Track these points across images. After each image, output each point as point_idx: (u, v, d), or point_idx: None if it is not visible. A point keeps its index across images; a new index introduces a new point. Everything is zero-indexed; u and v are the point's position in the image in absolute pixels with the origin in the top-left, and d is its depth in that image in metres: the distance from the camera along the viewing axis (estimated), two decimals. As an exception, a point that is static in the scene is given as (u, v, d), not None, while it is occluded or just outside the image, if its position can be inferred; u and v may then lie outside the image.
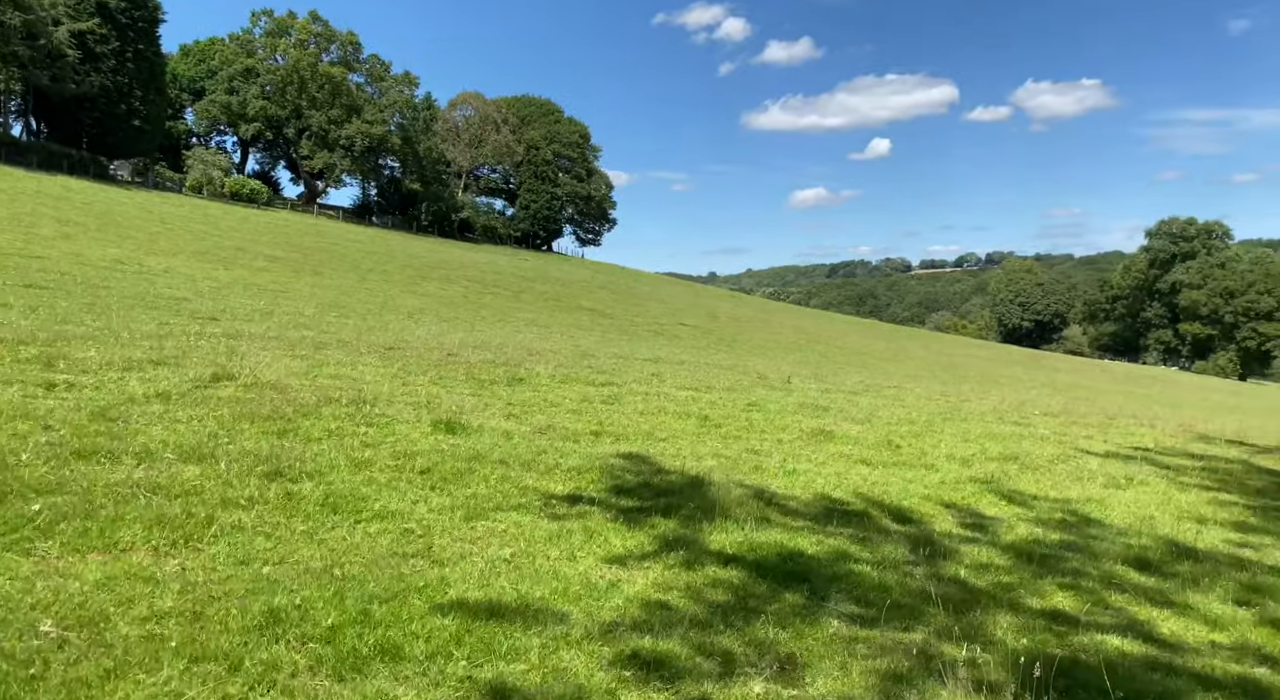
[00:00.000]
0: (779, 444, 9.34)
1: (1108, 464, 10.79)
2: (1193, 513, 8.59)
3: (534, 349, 17.27)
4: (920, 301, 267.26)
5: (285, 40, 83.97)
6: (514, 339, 22.09)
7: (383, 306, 32.60)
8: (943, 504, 7.62)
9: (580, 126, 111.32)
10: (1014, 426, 13.72)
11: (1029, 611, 5.07)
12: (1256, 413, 46.73)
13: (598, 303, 62.15)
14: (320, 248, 55.46)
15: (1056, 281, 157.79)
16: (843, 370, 36.81)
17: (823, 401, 13.70)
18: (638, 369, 15.83)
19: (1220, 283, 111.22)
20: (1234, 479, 10.88)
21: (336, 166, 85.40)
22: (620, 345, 29.57)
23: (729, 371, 19.55)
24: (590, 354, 19.41)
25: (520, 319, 40.88)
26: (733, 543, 5.45)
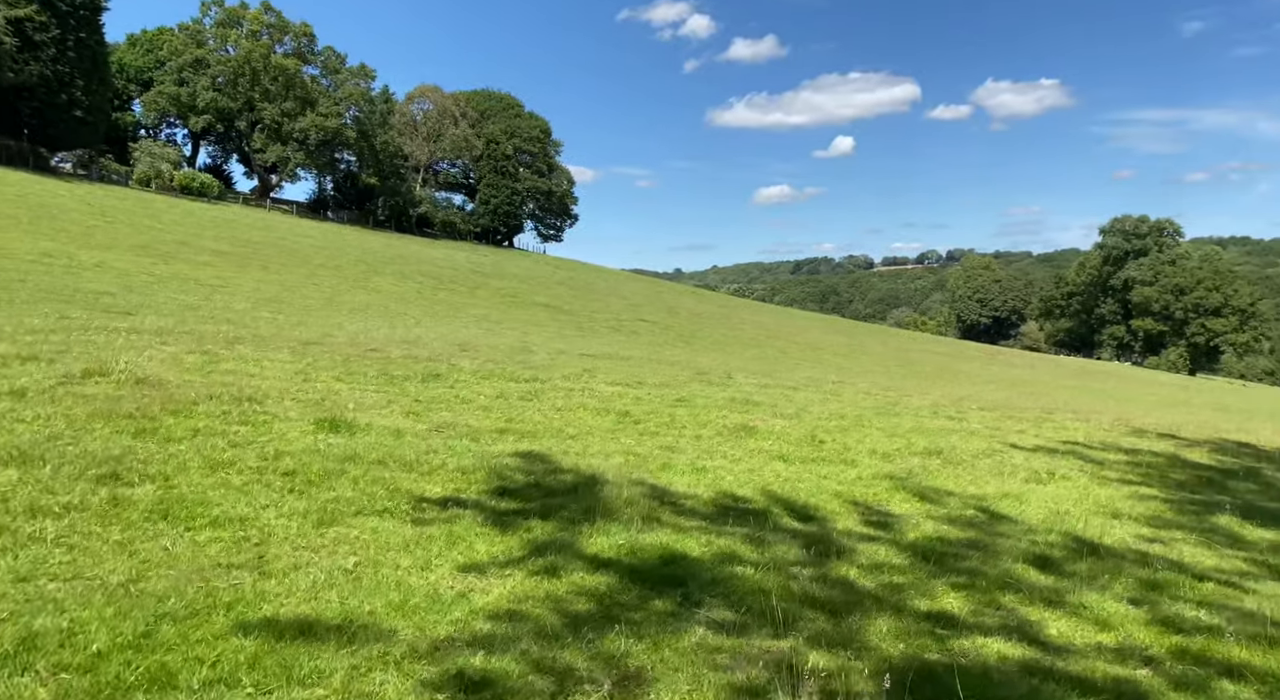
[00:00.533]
0: (696, 440, 9.09)
1: (1034, 458, 10.70)
2: (1109, 507, 8.50)
3: (470, 344, 16.87)
4: (882, 298, 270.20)
5: (237, 31, 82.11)
6: (454, 335, 21.64)
7: (327, 302, 31.88)
8: (852, 501, 7.42)
9: (541, 121, 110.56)
10: (947, 421, 13.63)
11: (914, 614, 4.86)
12: (1200, 407, 47.72)
13: (555, 299, 61.63)
14: (270, 242, 54.29)
15: (1014, 278, 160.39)
16: (797, 366, 36.83)
17: (757, 397, 13.50)
18: (573, 364, 15.52)
19: (1171, 280, 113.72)
20: (1157, 473, 10.86)
21: (290, 160, 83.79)
22: (570, 341, 29.22)
23: (671, 367, 19.32)
24: (529, 349, 19.06)
25: (472, 315, 40.34)
26: (612, 546, 5.17)
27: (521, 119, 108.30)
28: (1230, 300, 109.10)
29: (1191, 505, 9.09)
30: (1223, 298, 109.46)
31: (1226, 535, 7.97)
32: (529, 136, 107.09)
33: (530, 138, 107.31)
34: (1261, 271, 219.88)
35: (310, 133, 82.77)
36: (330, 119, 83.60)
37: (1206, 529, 8.09)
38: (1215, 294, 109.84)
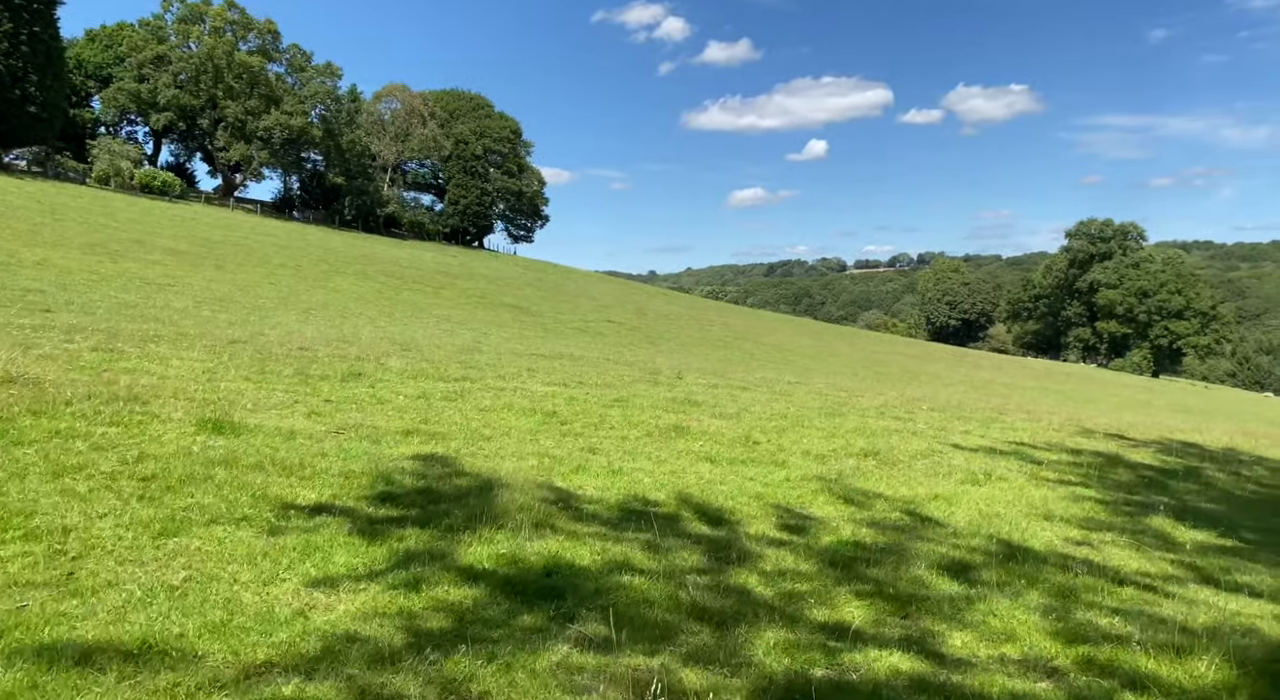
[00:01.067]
0: (622, 441, 8.76)
1: (974, 459, 10.50)
2: (1042, 509, 8.28)
3: (414, 344, 16.42)
4: (854, 300, 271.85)
5: (199, 27, 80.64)
6: (403, 334, 21.15)
7: (281, 302, 31.18)
8: (773, 504, 7.12)
9: (511, 122, 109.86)
10: (893, 421, 13.42)
11: (809, 625, 4.55)
12: (1160, 409, 48.27)
13: (523, 299, 61.07)
14: (229, 241, 53.24)
15: (982, 281, 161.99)
16: (761, 367, 36.63)
17: (701, 397, 13.19)
18: (517, 364, 15.13)
19: (1134, 283, 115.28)
20: (1098, 474, 10.71)
21: (254, 159, 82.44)
22: (529, 342, 28.79)
23: (625, 367, 18.98)
24: (478, 349, 18.64)
25: (434, 315, 39.74)
26: (492, 556, 4.82)
27: (491, 119, 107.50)
28: (1192, 303, 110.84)
29: (1127, 506, 8.92)
30: (1185, 301, 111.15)
31: (1157, 537, 7.78)
32: (499, 137, 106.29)
33: (500, 138, 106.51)
34: (1223, 275, 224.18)
35: (275, 131, 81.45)
36: (295, 117, 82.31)
37: (1138, 531, 7.90)
38: (1178, 297, 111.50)
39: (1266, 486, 11.45)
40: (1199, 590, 6.23)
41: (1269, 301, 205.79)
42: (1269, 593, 6.31)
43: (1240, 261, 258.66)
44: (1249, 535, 8.32)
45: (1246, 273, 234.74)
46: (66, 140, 73.67)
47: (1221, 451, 14.77)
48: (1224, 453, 14.58)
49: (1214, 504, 9.76)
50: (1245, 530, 8.49)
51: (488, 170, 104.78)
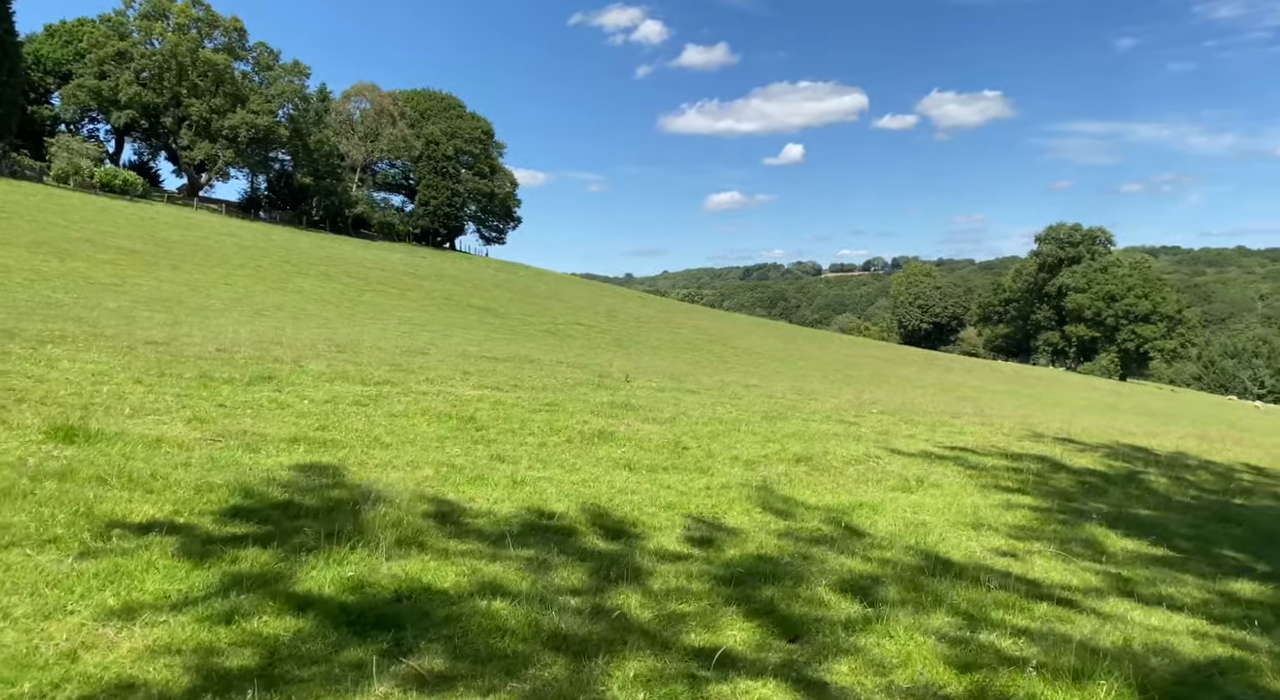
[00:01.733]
0: (539, 448, 8.34)
1: (911, 464, 10.18)
2: (972, 517, 7.97)
3: (352, 345, 15.89)
4: (828, 304, 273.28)
5: (163, 24, 79.19)
6: (346, 336, 20.57)
7: (234, 303, 30.41)
8: (686, 514, 6.73)
9: (483, 122, 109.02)
10: (838, 425, 13.10)
11: (681, 652, 4.15)
12: (1125, 412, 48.59)
13: (491, 301, 60.43)
14: (189, 241, 52.17)
15: (954, 285, 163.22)
16: (730, 370, 36.35)
17: (642, 401, 12.79)
18: (459, 366, 14.65)
19: (1102, 287, 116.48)
20: (1039, 479, 10.44)
21: (219, 158, 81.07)
22: (490, 344, 28.27)
23: (577, 369, 18.55)
24: (424, 351, 18.13)
25: (397, 317, 39.09)
26: (337, 580, 4.37)
27: (463, 119, 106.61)
28: (1158, 307, 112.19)
29: (1062, 514, 8.63)
30: (1151, 305, 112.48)
31: (1087, 546, 7.49)
32: (470, 137, 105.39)
33: (472, 139, 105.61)
34: (1190, 280, 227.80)
35: (240, 130, 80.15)
36: (262, 116, 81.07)
37: (1069, 540, 7.61)
38: (1144, 301, 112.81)
39: (1207, 492, 11.25)
40: (1119, 604, 5.92)
41: (1234, 306, 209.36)
42: (1191, 606, 6.01)
43: (1206, 266, 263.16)
44: (1182, 543, 8.06)
45: (1212, 277, 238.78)
46: (24, 137, 72.04)
47: (1169, 455, 14.62)
48: (1171, 457, 14.42)
49: (1152, 510, 9.51)
50: (1179, 538, 8.23)
51: (459, 171, 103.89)
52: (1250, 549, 8.16)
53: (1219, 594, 6.51)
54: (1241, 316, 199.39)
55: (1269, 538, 8.77)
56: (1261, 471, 14.18)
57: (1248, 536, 8.71)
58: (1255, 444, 21.14)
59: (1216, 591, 6.58)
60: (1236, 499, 10.95)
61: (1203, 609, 6.00)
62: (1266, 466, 14.84)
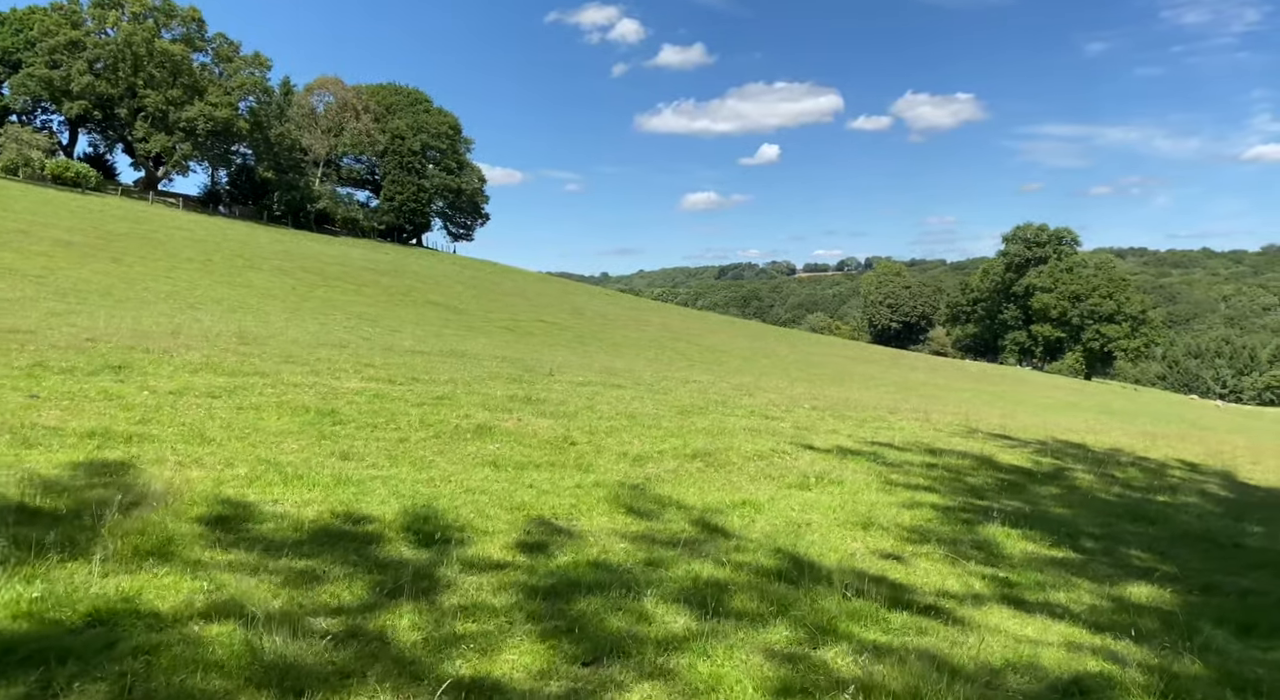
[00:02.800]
0: (399, 443, 7.65)
1: (821, 460, 9.62)
2: (865, 517, 7.40)
3: (260, 337, 15.07)
4: (801, 303, 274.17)
5: (117, 12, 77.22)
6: (273, 329, 19.72)
7: (168, 295, 29.34)
8: (534, 516, 6.08)
9: (450, 117, 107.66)
10: (761, 419, 12.53)
11: (431, 685, 3.49)
12: (1084, 409, 48.70)
13: (451, 298, 59.48)
14: (136, 234, 50.73)
15: (923, 285, 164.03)
16: (690, 368, 35.78)
17: (551, 395, 12.13)
18: (358, 359, 13.88)
19: (1068, 287, 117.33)
20: (954, 477, 9.92)
21: (176, 150, 79.15)
22: (436, 340, 27.44)
23: (506, 364, 17.86)
24: (340, 345, 17.34)
25: (347, 312, 38.12)
26: (13, 602, 3.65)
27: (430, 114, 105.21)
28: (1123, 307, 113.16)
29: (966, 513, 8.09)
30: (1116, 305, 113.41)
31: (983, 548, 6.94)
32: (437, 132, 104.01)
33: (438, 134, 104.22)
34: (1156, 281, 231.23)
35: (198, 122, 78.35)
36: (220, 109, 79.31)
37: (965, 541, 7.06)
38: (1109, 301, 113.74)
39: (1132, 489, 10.80)
40: (995, 612, 5.36)
41: (1198, 306, 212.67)
42: (1074, 614, 5.47)
43: (1172, 268, 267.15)
44: (1089, 544, 7.54)
45: (1178, 279, 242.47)
46: (-30, 127, 69.94)
47: (1104, 452, 14.21)
48: (1105, 453, 14.00)
49: (1068, 508, 9.01)
50: (1087, 538, 7.72)
51: (425, 166, 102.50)
52: (1159, 549, 7.67)
53: (1110, 599, 5.98)
54: (1205, 317, 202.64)
55: (1181, 537, 8.29)
56: (1195, 467, 13.82)
57: (1160, 536, 8.23)
58: (1199, 440, 20.91)
59: (1108, 596, 6.05)
60: (1160, 496, 10.51)
61: (1086, 617, 5.45)
62: (1200, 462, 14.48)
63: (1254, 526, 9.28)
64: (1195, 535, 8.46)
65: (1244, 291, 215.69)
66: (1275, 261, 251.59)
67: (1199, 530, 8.66)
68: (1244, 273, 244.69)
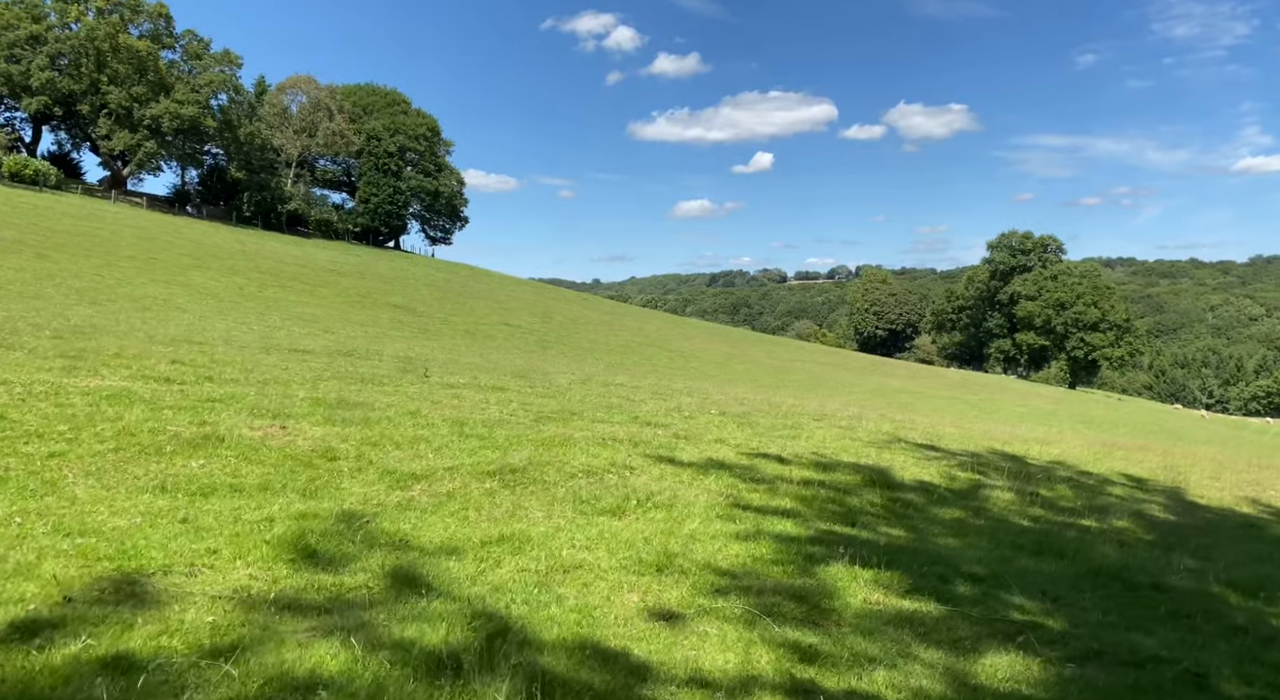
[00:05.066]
0: (49, 458, 5.92)
1: (667, 477, 7.92)
2: (665, 556, 5.69)
3: (99, 330, 13.32)
4: (790, 311, 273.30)
5: (79, 6, 75.35)
6: (170, 330, 17.93)
7: (82, 292, 27.54)
8: (114, 573, 4.34)
9: (429, 119, 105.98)
10: (638, 427, 10.82)
11: None
12: (1062, 418, 47.19)
13: (413, 300, 57.73)
14: (80, 231, 48.83)
15: (909, 292, 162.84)
16: (655, 373, 34.14)
17: (379, 399, 10.39)
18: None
19: (1052, 295, 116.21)
20: (833, 497, 8.21)
21: (141, 149, 77.22)
22: (367, 341, 25.68)
23: (393, 361, 16.15)
24: (200, 342, 15.59)
25: (289, 313, 36.33)
26: None
27: (407, 116, 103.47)
28: (1107, 315, 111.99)
29: (818, 545, 6.40)
30: (1100, 313, 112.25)
31: (808, 599, 5.24)
32: (415, 134, 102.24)
33: (416, 135, 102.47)
34: (1144, 291, 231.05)
35: (164, 120, 76.47)
36: (187, 107, 77.45)
37: (789, 588, 5.36)
38: (1093, 309, 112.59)
39: (1056, 510, 9.12)
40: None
41: (1185, 316, 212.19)
42: (870, 715, 3.77)
43: (1161, 278, 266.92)
44: (962, 588, 5.85)
45: (1165, 289, 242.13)
46: (-76, 123, 67.95)
47: (1043, 466, 12.53)
48: (1043, 467, 12.32)
49: (959, 538, 7.32)
50: (964, 580, 6.03)
51: (402, 168, 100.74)
52: (1054, 594, 5.99)
53: (948, 680, 4.29)
54: (1193, 327, 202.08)
55: (1090, 575, 6.61)
56: (1141, 484, 12.15)
57: (1063, 575, 6.55)
58: (1162, 452, 19.27)
59: (948, 674, 4.36)
60: (1084, 520, 8.83)
61: (891, 717, 3.76)
62: (1150, 477, 12.82)
63: (1186, 559, 7.63)
64: (1109, 572, 6.79)
65: (1231, 302, 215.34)
66: (1263, 272, 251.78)
67: (1115, 566, 6.99)
68: (1232, 283, 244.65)
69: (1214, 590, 6.61)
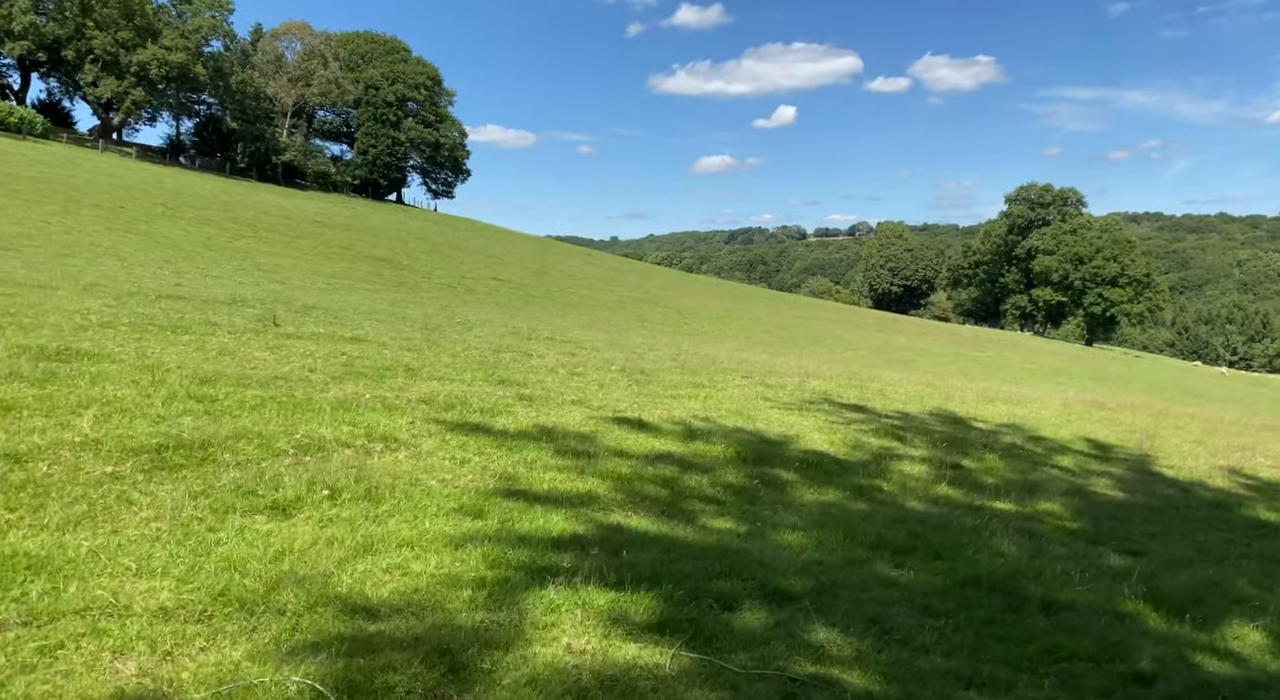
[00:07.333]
0: None
1: (435, 454, 6.19)
2: (356, 579, 3.98)
3: (89, 284, 11.73)
4: (807, 268, 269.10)
5: (62, -53, 72.89)
6: (96, 277, 16.34)
7: (11, 238, 26.03)
8: None
9: (429, 68, 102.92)
10: (494, 386, 9.08)
11: None
12: (1075, 376, 45.10)
13: (399, 253, 55.95)
14: (45, 178, 47.25)
15: (925, 247, 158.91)
16: (645, 332, 32.44)
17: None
18: (169, 308, 10.49)
19: (1071, 249, 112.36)
20: (674, 476, 6.47)
21: (128, 96, 75.28)
22: (332, 295, 24.04)
23: (276, 306, 14.51)
24: (131, 294, 13.94)
25: (255, 264, 34.75)
26: None
27: (407, 64, 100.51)
28: (1127, 270, 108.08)
29: (562, 554, 4.67)
30: (1119, 267, 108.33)
31: (452, 660, 3.51)
32: (414, 83, 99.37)
33: (415, 85, 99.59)
34: (1170, 246, 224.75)
35: (151, 67, 74.34)
36: (175, 53, 75.16)
37: (434, 645, 3.63)
38: (1113, 263, 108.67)
39: (965, 489, 7.31)
40: None
41: (1211, 272, 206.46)
42: None
43: (1188, 233, 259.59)
44: (755, 616, 4.11)
45: (1191, 244, 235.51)
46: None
47: (988, 430, 10.68)
48: (986, 433, 10.47)
49: (809, 531, 5.55)
50: (762, 603, 4.27)
51: (401, 119, 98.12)
52: (891, 621, 4.22)
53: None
54: (1219, 282, 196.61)
55: (964, 588, 4.81)
56: (1104, 451, 10.29)
57: (926, 586, 4.76)
58: (1157, 411, 17.31)
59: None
60: (1000, 502, 7.04)
61: None
62: (1118, 443, 10.95)
63: (1111, 556, 5.84)
64: (991, 582, 5.00)
65: (1260, 257, 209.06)
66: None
67: (1003, 572, 5.19)
68: (1260, 238, 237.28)
69: (1126, 608, 4.82)
